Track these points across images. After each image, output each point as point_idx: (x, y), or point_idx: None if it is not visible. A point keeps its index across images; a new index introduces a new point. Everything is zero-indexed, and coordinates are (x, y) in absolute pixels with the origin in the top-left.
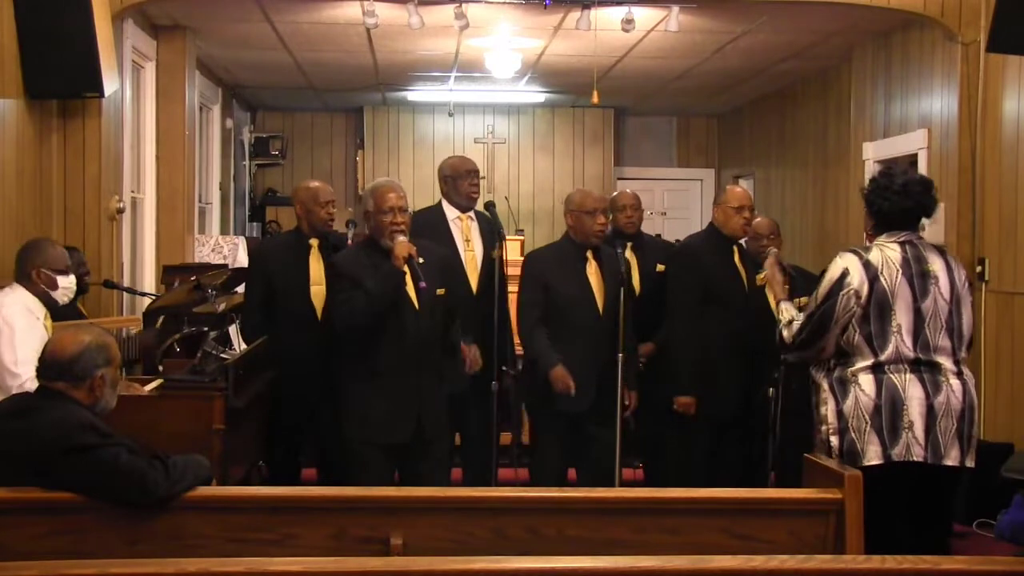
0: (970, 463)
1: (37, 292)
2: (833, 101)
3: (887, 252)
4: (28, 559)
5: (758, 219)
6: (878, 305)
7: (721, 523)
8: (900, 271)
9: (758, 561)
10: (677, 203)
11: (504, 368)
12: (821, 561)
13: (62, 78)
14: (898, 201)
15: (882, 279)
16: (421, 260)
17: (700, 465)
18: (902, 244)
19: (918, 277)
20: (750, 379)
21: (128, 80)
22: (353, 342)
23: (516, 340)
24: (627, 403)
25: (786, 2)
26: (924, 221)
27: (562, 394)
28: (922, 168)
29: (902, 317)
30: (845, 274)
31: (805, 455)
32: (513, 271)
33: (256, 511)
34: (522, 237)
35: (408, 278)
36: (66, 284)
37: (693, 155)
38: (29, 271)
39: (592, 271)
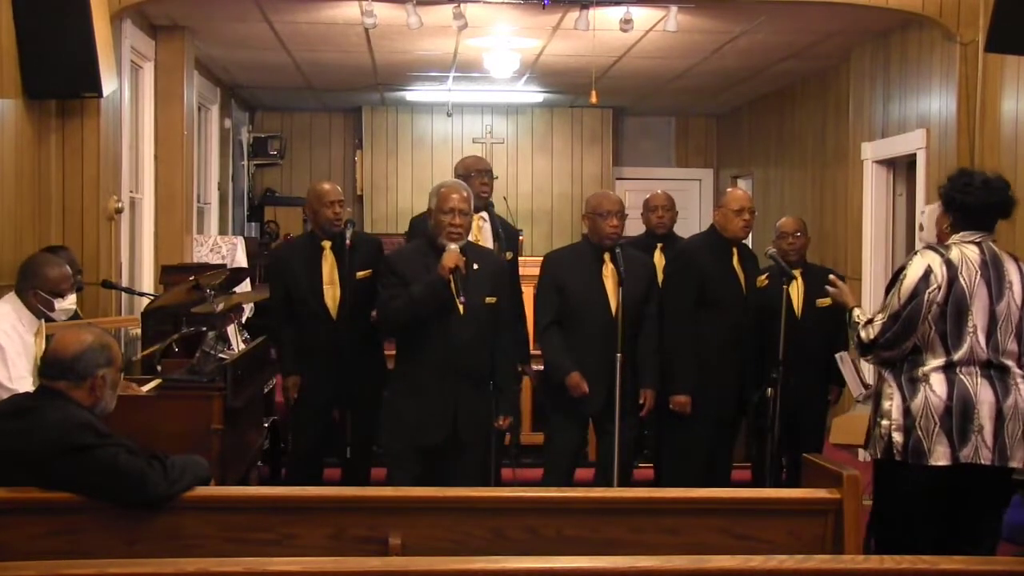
0: None
1: (33, 309)
2: (832, 101)
3: (966, 251)
4: (27, 559)
5: (783, 218)
6: (956, 304)
7: (720, 523)
8: (979, 272)
9: (757, 561)
10: (676, 203)
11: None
12: (820, 561)
13: (61, 78)
14: (983, 196)
15: (961, 279)
16: (476, 266)
17: (699, 464)
18: (979, 245)
19: (995, 279)
20: (747, 379)
21: (127, 80)
22: (401, 342)
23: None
24: (641, 402)
25: (785, 2)
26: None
27: (578, 398)
28: (920, 168)
29: (978, 318)
30: (929, 271)
31: (804, 455)
32: (523, 271)
33: (255, 511)
34: (521, 237)
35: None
36: (63, 306)
37: (692, 155)
38: (27, 289)
39: (608, 273)
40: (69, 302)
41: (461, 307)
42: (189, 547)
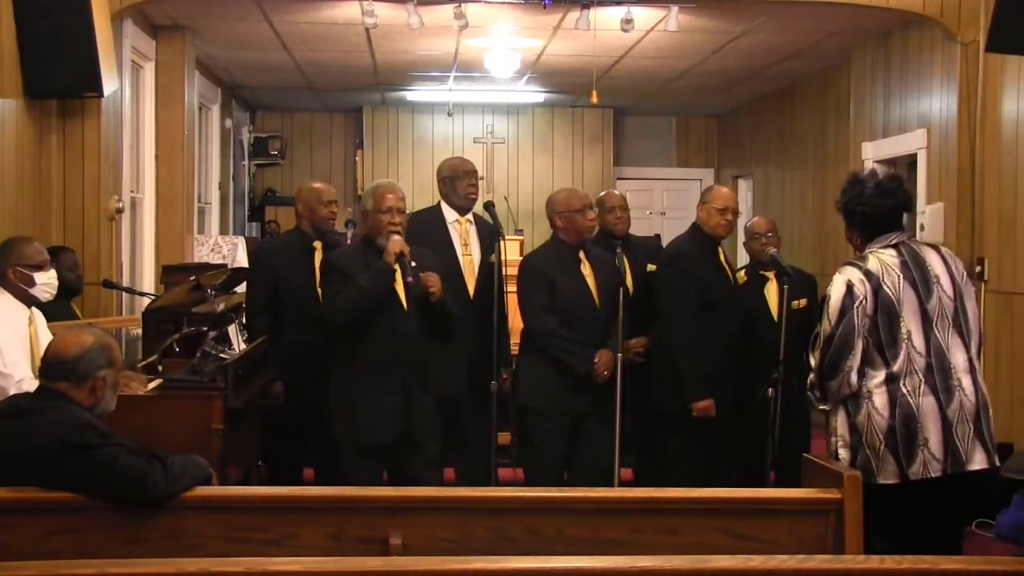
0: (996, 461)
1: (17, 293)
2: (832, 101)
3: (884, 258)
4: (27, 559)
5: (755, 218)
6: (885, 313)
7: (720, 523)
8: (901, 275)
9: (757, 561)
10: (676, 203)
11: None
12: (820, 561)
13: (62, 78)
14: (879, 203)
15: (885, 287)
16: (414, 264)
17: (698, 464)
18: (896, 247)
19: (920, 279)
20: (744, 377)
21: (127, 80)
22: (343, 340)
23: (512, 341)
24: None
25: (785, 2)
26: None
27: (600, 379)
28: (921, 168)
29: (911, 322)
30: (851, 287)
31: (804, 455)
32: (512, 272)
33: (255, 511)
34: (521, 237)
35: (397, 276)
36: (43, 280)
37: (692, 155)
38: (5, 271)
39: (587, 271)
40: (49, 276)
41: (404, 302)
42: (189, 547)
